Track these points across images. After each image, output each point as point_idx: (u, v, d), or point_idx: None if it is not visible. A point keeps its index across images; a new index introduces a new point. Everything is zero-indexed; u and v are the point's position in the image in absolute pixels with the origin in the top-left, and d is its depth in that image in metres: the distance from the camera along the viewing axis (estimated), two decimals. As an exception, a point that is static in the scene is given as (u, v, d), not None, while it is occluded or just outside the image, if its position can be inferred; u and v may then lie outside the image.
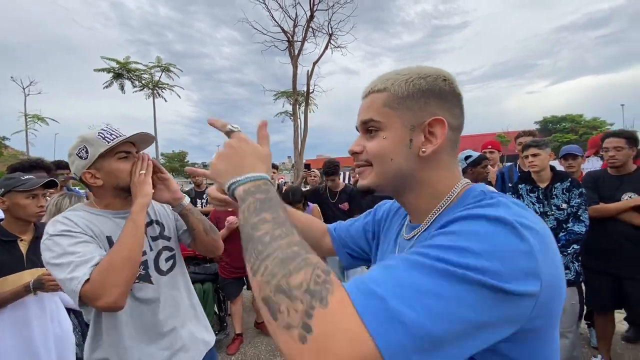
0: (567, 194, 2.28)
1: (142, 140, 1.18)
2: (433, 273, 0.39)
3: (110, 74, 17.38)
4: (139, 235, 1.03)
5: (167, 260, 1.24)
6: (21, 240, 1.60)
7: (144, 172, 1.11)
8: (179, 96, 19.71)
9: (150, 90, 18.24)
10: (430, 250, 0.42)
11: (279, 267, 0.41)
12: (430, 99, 0.58)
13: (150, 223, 1.25)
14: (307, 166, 6.63)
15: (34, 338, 1.54)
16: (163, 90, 18.87)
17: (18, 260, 1.56)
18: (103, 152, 1.06)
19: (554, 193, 2.31)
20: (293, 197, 3.02)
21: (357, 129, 0.65)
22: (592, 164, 3.96)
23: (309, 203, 3.25)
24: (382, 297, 0.38)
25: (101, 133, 1.08)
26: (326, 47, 7.78)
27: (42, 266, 1.62)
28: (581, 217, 2.20)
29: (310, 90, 8.42)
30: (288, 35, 7.75)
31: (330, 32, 7.65)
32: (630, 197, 2.30)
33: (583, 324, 2.99)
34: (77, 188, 4.46)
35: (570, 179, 2.32)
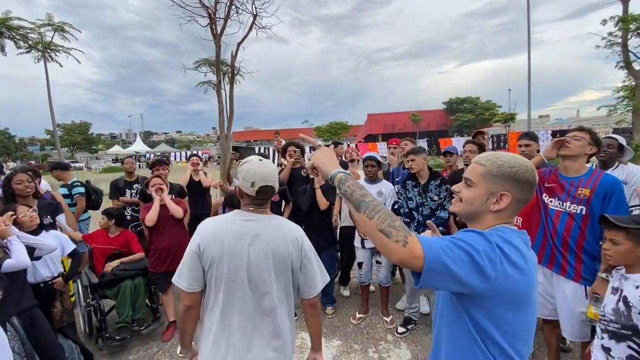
0: (438, 189, 3.00)
1: None
2: (453, 243, 0.88)
3: (-16, 31, 13.96)
4: None
5: None
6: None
7: None
8: (78, 61, 16.75)
9: (39, 53, 15.25)
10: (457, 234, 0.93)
11: (387, 216, 0.88)
12: (509, 181, 0.98)
13: None
14: (236, 148, 6.63)
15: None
16: (57, 53, 15.91)
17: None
18: None
19: (430, 188, 3.03)
20: (239, 202, 3.26)
21: (462, 178, 1.08)
22: None
23: None
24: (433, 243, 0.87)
25: None
26: (251, 28, 7.65)
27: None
28: (446, 207, 2.96)
29: (236, 72, 8.25)
30: (209, 11, 7.37)
31: (255, 12, 7.52)
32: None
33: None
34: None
35: (440, 178, 3.06)
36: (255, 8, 7.58)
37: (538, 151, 2.81)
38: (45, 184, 4.21)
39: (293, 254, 1.39)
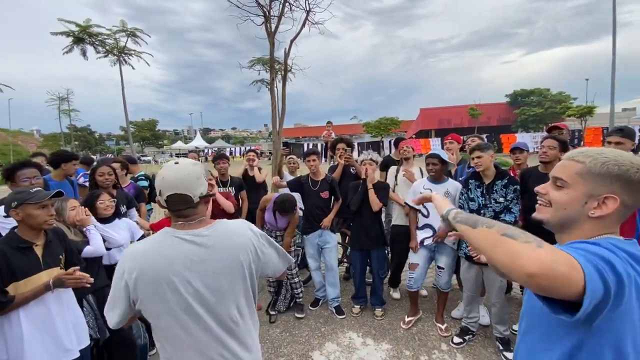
0: (505, 189, 2.72)
1: None
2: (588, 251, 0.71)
3: (70, 38, 16.06)
4: None
5: None
6: (36, 245, 1.82)
7: None
8: (148, 63, 18.48)
9: (115, 57, 17.08)
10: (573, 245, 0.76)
11: (508, 227, 0.75)
12: (616, 182, 0.80)
13: None
14: (286, 144, 6.72)
15: (57, 327, 1.82)
16: (130, 57, 17.68)
17: (35, 263, 1.79)
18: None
19: (495, 189, 2.75)
20: (289, 207, 3.28)
21: (548, 177, 0.93)
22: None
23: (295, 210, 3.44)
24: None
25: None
26: (303, 24, 7.66)
27: (56, 266, 1.87)
28: (512, 210, 2.67)
29: (288, 69, 8.36)
30: (265, 9, 7.53)
31: (308, 8, 7.52)
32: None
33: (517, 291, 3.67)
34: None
35: (508, 177, 2.76)
36: (309, 4, 7.56)
37: (633, 150, 2.39)
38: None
39: (247, 260, 1.23)
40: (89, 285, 1.82)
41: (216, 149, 36.02)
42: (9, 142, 36.36)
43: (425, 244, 3.15)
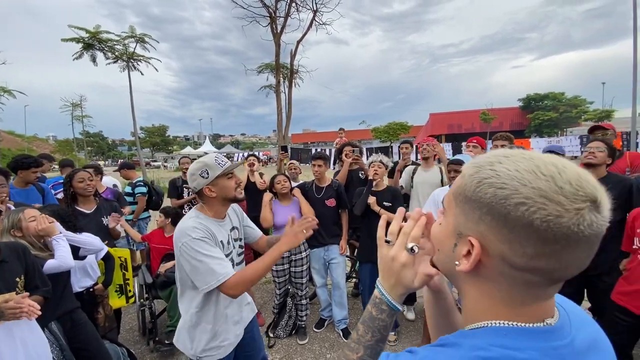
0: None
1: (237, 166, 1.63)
2: None
3: (80, 45, 16.17)
4: (270, 266, 1.50)
5: (239, 255, 1.74)
6: (-20, 267, 1.51)
7: (306, 232, 1.51)
8: (156, 69, 18.45)
9: (124, 63, 17.14)
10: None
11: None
12: (486, 216, 0.44)
13: (233, 228, 1.69)
14: (284, 148, 6.36)
15: (3, 367, 1.50)
16: (139, 62, 17.72)
17: (-21, 288, 1.48)
18: (219, 174, 1.51)
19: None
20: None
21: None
22: None
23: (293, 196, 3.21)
24: None
25: (216, 159, 1.52)
26: (310, 25, 7.43)
27: (11, 291, 1.56)
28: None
29: (294, 71, 8.11)
30: (270, 10, 7.32)
31: (315, 8, 7.28)
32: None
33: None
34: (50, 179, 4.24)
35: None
36: (316, 3, 7.33)
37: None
38: (111, 180, 4.40)
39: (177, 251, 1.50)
40: (35, 316, 1.49)
41: (224, 154, 36.17)
42: (23, 147, 37.10)
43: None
